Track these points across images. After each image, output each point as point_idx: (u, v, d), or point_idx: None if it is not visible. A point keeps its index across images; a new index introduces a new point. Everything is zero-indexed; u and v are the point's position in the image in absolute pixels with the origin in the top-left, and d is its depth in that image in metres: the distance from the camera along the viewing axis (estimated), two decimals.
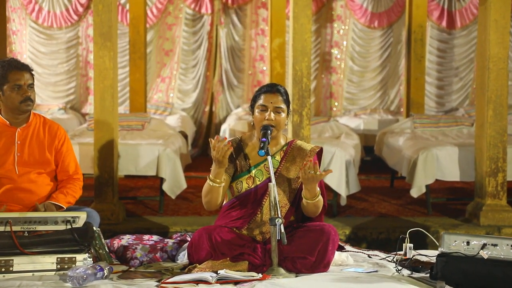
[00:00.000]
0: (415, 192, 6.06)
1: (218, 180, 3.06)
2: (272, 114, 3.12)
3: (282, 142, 3.26)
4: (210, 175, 3.07)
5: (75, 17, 10.48)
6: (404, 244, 3.21)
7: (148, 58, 10.10)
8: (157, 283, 2.89)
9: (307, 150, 3.23)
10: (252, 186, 3.16)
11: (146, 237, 3.53)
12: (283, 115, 3.15)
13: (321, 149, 3.29)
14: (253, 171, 3.17)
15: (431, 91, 10.63)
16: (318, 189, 3.06)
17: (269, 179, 3.11)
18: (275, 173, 3.14)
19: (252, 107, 3.21)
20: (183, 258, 3.28)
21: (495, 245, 2.78)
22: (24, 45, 10.56)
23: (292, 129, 5.27)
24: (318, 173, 2.97)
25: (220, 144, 2.97)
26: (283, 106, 3.15)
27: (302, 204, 3.12)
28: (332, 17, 10.84)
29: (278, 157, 3.21)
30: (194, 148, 10.36)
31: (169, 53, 10.70)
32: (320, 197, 3.12)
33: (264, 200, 3.13)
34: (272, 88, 3.16)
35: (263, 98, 3.15)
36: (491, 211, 5.51)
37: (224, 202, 3.27)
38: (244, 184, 3.17)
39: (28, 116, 3.49)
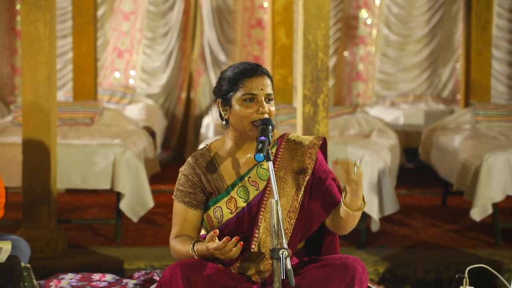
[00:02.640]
0: (477, 214, 6.06)
1: (202, 257, 3.09)
2: (266, 106, 3.11)
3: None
4: (197, 250, 3.06)
5: None
6: (462, 287, 3.21)
7: (99, 24, 10.09)
8: None
9: (306, 146, 3.23)
10: (237, 211, 3.15)
11: (96, 276, 3.53)
12: (273, 104, 3.17)
13: (325, 140, 3.28)
14: (234, 191, 3.16)
15: (500, 71, 10.64)
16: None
17: (258, 197, 3.11)
18: (266, 188, 3.13)
19: (225, 97, 3.18)
20: None
21: None
22: None
23: (303, 124, 5.27)
24: (356, 169, 2.95)
25: (228, 247, 2.92)
26: (272, 92, 3.17)
27: (338, 217, 3.11)
28: None
29: (266, 164, 3.18)
30: (165, 151, 10.36)
31: (130, 17, 10.69)
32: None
33: (259, 224, 3.13)
34: (257, 69, 3.15)
35: (248, 84, 3.12)
36: None
37: (202, 233, 3.26)
38: (225, 210, 3.16)
39: None
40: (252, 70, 3.13)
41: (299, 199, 3.16)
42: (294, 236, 3.16)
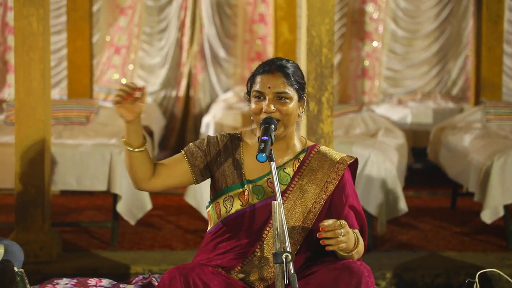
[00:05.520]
0: (488, 216, 6.05)
1: (132, 144, 3.07)
2: (272, 106, 3.10)
3: (298, 146, 3.24)
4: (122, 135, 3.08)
5: None
6: None
7: (95, 19, 10.09)
8: None
9: (335, 161, 3.20)
10: (248, 205, 3.15)
11: (92, 281, 3.53)
12: (291, 104, 3.13)
13: (356, 161, 3.26)
14: (249, 186, 3.16)
15: None
16: (352, 234, 3.02)
17: (272, 199, 3.09)
18: (284, 193, 3.12)
19: (249, 92, 3.21)
20: None
21: None
22: None
23: (307, 123, 5.27)
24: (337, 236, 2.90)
25: (127, 88, 2.93)
26: (289, 91, 3.13)
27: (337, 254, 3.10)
28: None
29: (289, 169, 3.17)
30: (163, 151, 10.36)
31: (126, 11, 10.70)
32: (360, 239, 3.09)
33: (267, 228, 3.12)
34: (271, 66, 3.14)
35: (260, 81, 3.13)
36: None
37: (208, 229, 3.27)
38: (236, 202, 3.16)
39: None
40: (266, 67, 3.14)
41: (316, 211, 3.15)
42: (304, 246, 3.15)
